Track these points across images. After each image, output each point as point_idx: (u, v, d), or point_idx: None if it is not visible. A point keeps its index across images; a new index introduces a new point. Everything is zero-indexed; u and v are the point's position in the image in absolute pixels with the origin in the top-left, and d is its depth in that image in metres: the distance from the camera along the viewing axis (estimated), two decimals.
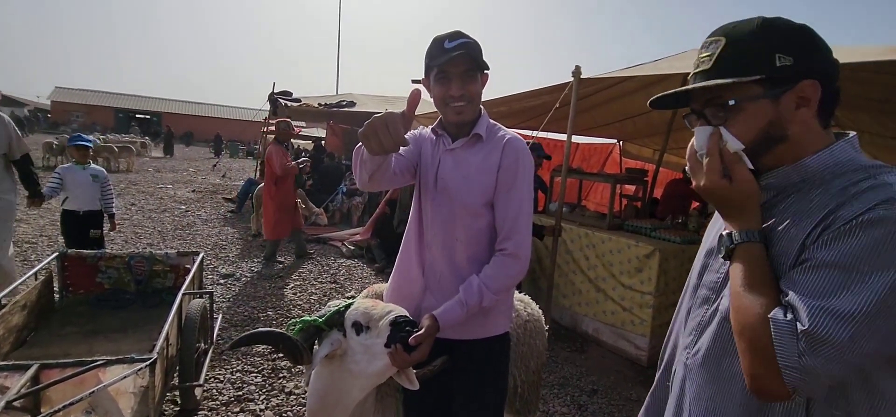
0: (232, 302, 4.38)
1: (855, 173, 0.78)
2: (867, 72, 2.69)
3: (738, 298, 0.78)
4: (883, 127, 4.04)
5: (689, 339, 0.97)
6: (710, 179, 0.84)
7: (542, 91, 4.35)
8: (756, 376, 0.74)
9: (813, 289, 0.71)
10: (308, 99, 10.33)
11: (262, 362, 3.31)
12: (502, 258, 1.42)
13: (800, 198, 0.82)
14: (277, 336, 1.39)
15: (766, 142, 0.82)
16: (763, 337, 0.72)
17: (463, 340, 1.49)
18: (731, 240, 0.82)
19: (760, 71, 0.79)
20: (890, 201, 0.69)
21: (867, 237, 0.69)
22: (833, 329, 0.68)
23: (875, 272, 0.68)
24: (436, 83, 1.42)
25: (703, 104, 0.87)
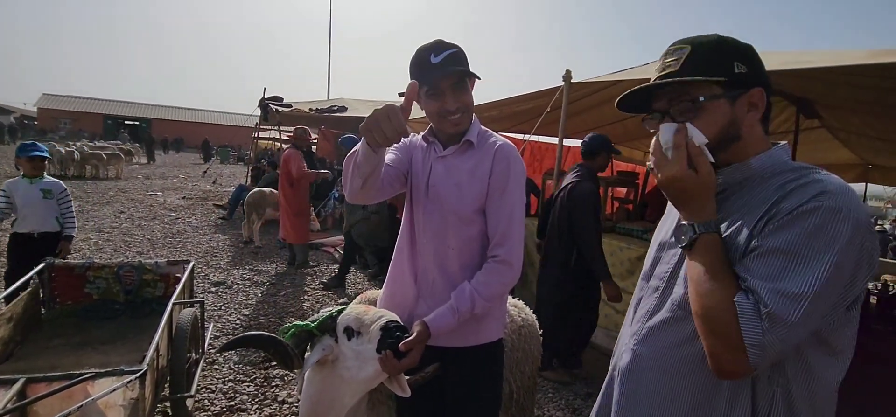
0: (224, 311, 4.33)
1: (789, 173, 0.88)
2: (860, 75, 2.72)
3: (700, 285, 0.84)
4: (871, 128, 4.10)
5: (637, 326, 1.03)
6: (678, 170, 0.87)
7: (533, 95, 4.37)
8: (720, 355, 0.81)
9: (766, 274, 0.79)
10: (299, 104, 10.30)
11: (255, 372, 3.27)
12: (494, 265, 1.41)
13: (743, 194, 0.91)
14: (268, 339, 1.39)
15: (725, 140, 0.91)
16: (729, 319, 0.79)
17: (456, 347, 1.48)
18: (694, 231, 0.87)
19: (722, 74, 0.89)
20: (823, 194, 0.79)
21: (806, 224, 0.78)
22: (788, 309, 0.76)
23: (816, 255, 0.77)
24: (428, 99, 1.40)
25: (668, 103, 0.94)
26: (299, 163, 5.59)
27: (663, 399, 0.95)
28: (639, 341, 1.01)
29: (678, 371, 0.93)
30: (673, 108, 0.93)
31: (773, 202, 0.84)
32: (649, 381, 0.97)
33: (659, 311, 0.99)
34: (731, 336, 0.79)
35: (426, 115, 1.45)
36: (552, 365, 3.53)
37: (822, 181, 0.82)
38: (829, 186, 0.80)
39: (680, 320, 0.93)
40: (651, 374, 0.97)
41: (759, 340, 0.77)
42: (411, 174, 1.53)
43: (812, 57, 2.59)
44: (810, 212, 0.78)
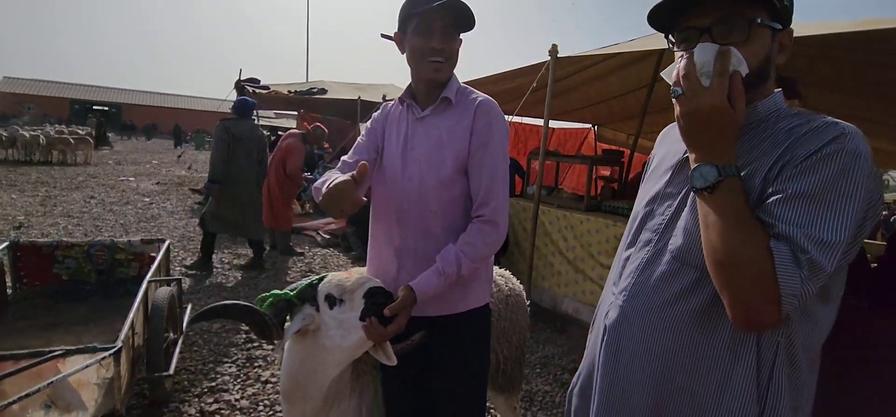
0: (202, 294, 4.20)
1: (794, 117, 0.83)
2: (842, 48, 2.74)
3: (726, 232, 0.75)
4: (849, 107, 4.17)
5: (626, 282, 0.96)
6: (718, 100, 0.77)
7: (519, 72, 4.32)
8: (751, 306, 0.74)
9: (797, 220, 0.73)
10: (277, 86, 10.04)
11: (237, 352, 3.18)
12: (480, 225, 1.35)
13: (749, 139, 0.84)
14: (243, 309, 1.31)
15: (759, 76, 0.83)
16: (764, 268, 0.72)
17: (444, 315, 1.43)
18: (719, 173, 0.77)
19: (773, 1, 0.79)
20: (842, 136, 0.75)
21: (830, 167, 0.73)
22: (823, 256, 0.71)
23: (844, 200, 0.72)
24: (414, 34, 1.33)
25: (714, 19, 0.81)
26: (299, 159, 5.46)
27: (656, 355, 0.89)
28: (628, 296, 0.94)
29: (673, 325, 0.87)
30: (719, 26, 0.80)
31: (786, 147, 0.78)
32: (640, 337, 0.91)
33: (652, 264, 0.92)
34: (767, 285, 0.72)
35: (407, 57, 1.38)
36: None
37: (837, 124, 0.78)
38: (845, 128, 0.76)
39: (676, 272, 0.88)
40: (643, 329, 0.91)
41: (798, 289, 0.71)
42: (386, 146, 1.47)
43: (799, 27, 2.59)
44: (832, 155, 0.74)
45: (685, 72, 0.80)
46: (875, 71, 3.06)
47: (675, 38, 0.89)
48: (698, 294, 0.85)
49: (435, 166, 1.37)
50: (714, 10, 0.81)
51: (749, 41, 0.80)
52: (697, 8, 0.83)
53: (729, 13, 0.80)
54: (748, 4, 0.80)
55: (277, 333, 1.34)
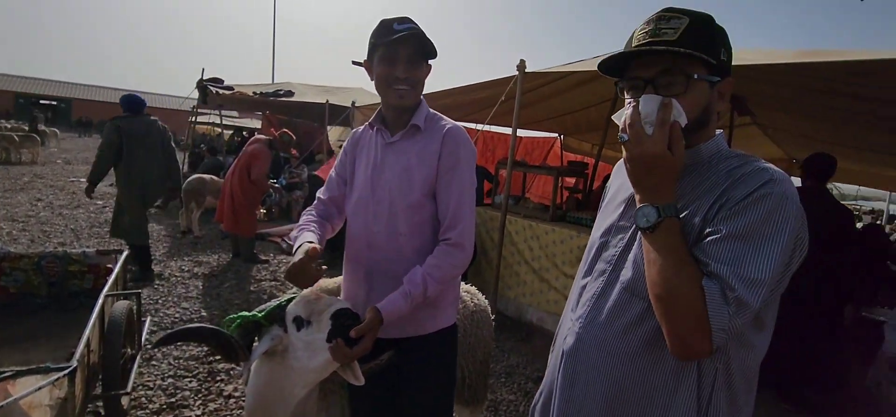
0: (161, 304, 4.07)
1: (733, 159, 0.90)
2: (783, 75, 2.94)
3: (666, 269, 0.83)
4: (794, 125, 4.46)
5: (582, 310, 1.03)
6: (659, 148, 0.84)
7: (488, 84, 4.39)
8: (685, 338, 0.82)
9: (727, 259, 0.80)
10: (241, 87, 9.80)
11: (198, 366, 3.10)
12: (446, 247, 1.40)
13: (692, 179, 0.92)
14: (208, 332, 1.31)
15: (698, 124, 0.90)
16: (696, 304, 0.80)
17: (413, 337, 1.47)
18: (660, 213, 0.85)
19: (713, 56, 0.87)
20: (771, 181, 0.82)
21: (759, 210, 0.81)
22: (750, 294, 0.78)
23: (770, 240, 0.80)
24: (380, 63, 1.39)
25: (658, 73, 0.89)
26: (265, 165, 5.34)
27: (608, 380, 0.95)
28: (584, 324, 1.01)
29: (624, 352, 0.94)
30: (662, 79, 0.88)
31: (724, 188, 0.86)
32: (594, 362, 0.98)
33: (605, 294, 0.99)
34: (699, 319, 0.79)
35: (375, 84, 1.44)
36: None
37: (767, 169, 0.85)
38: (774, 174, 0.84)
39: (626, 302, 0.94)
40: (596, 356, 0.97)
41: (726, 324, 0.79)
42: (357, 170, 1.51)
43: (745, 55, 2.76)
44: (762, 199, 0.81)
45: (631, 120, 0.87)
46: (814, 95, 3.29)
47: (624, 85, 0.96)
48: (646, 323, 0.92)
49: (404, 190, 1.41)
50: (657, 65, 0.89)
51: (687, 93, 0.88)
52: (643, 60, 0.91)
53: (670, 68, 0.88)
54: (687, 61, 0.87)
55: (244, 355, 1.34)
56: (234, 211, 5.36)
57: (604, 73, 0.99)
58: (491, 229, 4.68)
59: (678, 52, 0.85)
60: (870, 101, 3.09)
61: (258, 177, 5.32)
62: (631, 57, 0.92)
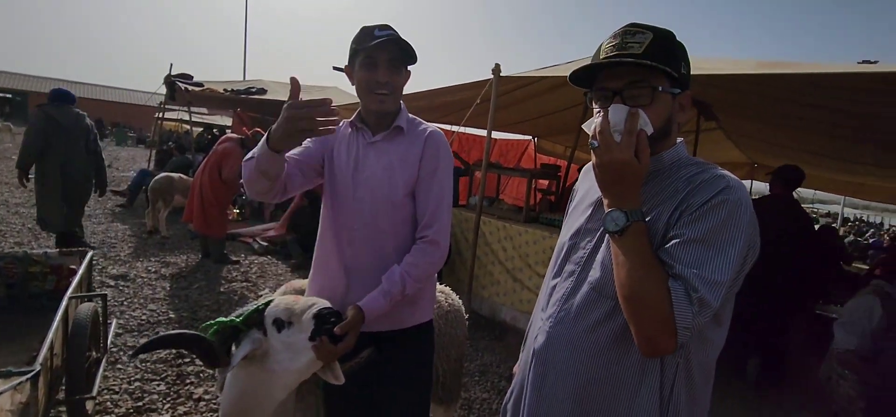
0: (126, 306, 3.94)
1: (692, 166, 0.97)
2: (750, 84, 3.08)
3: (634, 270, 0.88)
4: (757, 131, 4.66)
5: (552, 309, 1.07)
6: (627, 155, 0.89)
7: (463, 87, 4.43)
8: (652, 336, 0.87)
9: (690, 261, 0.86)
10: (211, 83, 9.57)
11: (166, 369, 3.02)
12: (423, 245, 1.44)
13: (655, 185, 0.97)
14: (191, 338, 1.29)
15: (661, 133, 0.97)
16: (663, 304, 0.84)
17: (391, 331, 1.50)
18: (628, 218, 0.90)
19: (675, 70, 0.93)
20: (727, 188, 0.88)
21: (717, 216, 0.86)
22: (711, 294, 0.84)
23: (727, 244, 0.85)
24: (361, 68, 1.42)
25: (625, 84, 0.94)
26: (237, 164, 5.22)
27: (577, 376, 1.00)
28: (554, 323, 1.05)
29: (592, 349, 0.98)
30: (628, 91, 0.94)
31: (685, 194, 0.91)
32: (563, 359, 1.02)
33: (574, 294, 1.03)
34: (665, 318, 0.84)
35: (356, 89, 1.47)
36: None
37: (723, 176, 0.91)
38: (730, 181, 0.90)
39: (594, 301, 0.99)
40: (565, 353, 1.02)
41: (690, 323, 0.83)
42: (336, 164, 1.51)
43: (711, 64, 2.89)
44: (719, 205, 0.87)
45: (600, 128, 0.92)
46: (775, 103, 3.46)
47: (593, 95, 1.02)
48: (613, 322, 0.97)
49: (386, 189, 1.44)
50: (625, 77, 0.95)
51: (653, 105, 0.94)
52: (611, 72, 0.96)
53: (637, 80, 0.94)
54: (653, 74, 0.92)
55: (225, 360, 1.33)
56: (205, 210, 5.24)
57: (574, 84, 1.04)
58: (466, 230, 4.72)
59: (646, 64, 0.90)
60: (826, 111, 3.27)
61: (229, 177, 5.21)
62: (600, 69, 0.97)
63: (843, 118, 3.32)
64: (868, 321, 2.48)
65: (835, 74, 2.44)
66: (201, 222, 5.26)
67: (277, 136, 1.20)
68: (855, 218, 23.20)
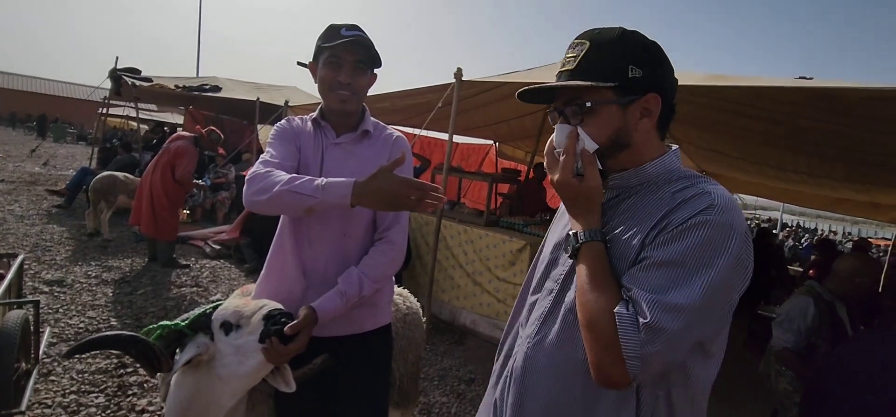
0: (62, 313, 3.67)
1: (682, 180, 0.89)
2: (697, 94, 3.23)
3: (584, 294, 0.84)
4: (704, 141, 4.90)
5: (531, 328, 1.01)
6: (563, 175, 0.88)
7: (425, 90, 4.43)
8: (602, 366, 0.81)
9: (651, 285, 0.79)
10: (162, 79, 9.14)
11: (105, 380, 2.84)
12: (381, 245, 1.44)
13: (637, 200, 0.90)
14: (128, 339, 1.23)
15: (613, 147, 0.90)
16: (609, 331, 0.79)
17: (351, 335, 1.47)
18: (577, 240, 0.88)
19: (615, 79, 0.86)
20: (711, 208, 0.80)
21: (693, 238, 0.78)
22: (668, 320, 0.76)
23: (702, 268, 0.78)
24: (325, 66, 1.40)
25: (564, 102, 0.93)
26: (191, 164, 5.02)
27: (552, 404, 0.94)
28: (532, 344, 0.99)
29: (569, 376, 0.92)
30: (566, 110, 0.92)
31: (665, 212, 0.84)
32: (540, 385, 0.96)
33: (553, 314, 0.97)
34: (611, 346, 0.78)
35: (318, 86, 1.44)
36: None
37: (710, 193, 0.83)
38: (716, 200, 0.81)
39: (571, 324, 0.92)
40: (541, 379, 0.96)
41: (638, 352, 0.76)
42: (301, 163, 1.47)
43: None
44: (699, 226, 0.79)
45: (547, 149, 0.93)
46: (721, 114, 3.65)
47: (551, 112, 0.99)
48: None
49: None
50: (562, 97, 0.94)
51: (589, 121, 0.90)
52: (555, 94, 0.95)
53: (571, 98, 0.92)
54: (587, 91, 0.89)
55: (167, 364, 1.26)
56: (154, 212, 4.97)
57: (526, 101, 1.00)
58: (426, 233, 4.71)
59: (563, 85, 0.89)
60: (765, 122, 3.47)
61: (183, 177, 4.99)
62: (541, 92, 0.95)
63: (781, 129, 3.54)
64: (803, 320, 2.63)
65: (774, 88, 2.59)
66: (150, 224, 4.99)
67: (364, 195, 1.19)
68: (793, 224, 24.83)
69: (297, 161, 1.45)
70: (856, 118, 2.74)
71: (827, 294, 2.70)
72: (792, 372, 2.67)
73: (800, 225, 26.01)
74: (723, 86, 2.79)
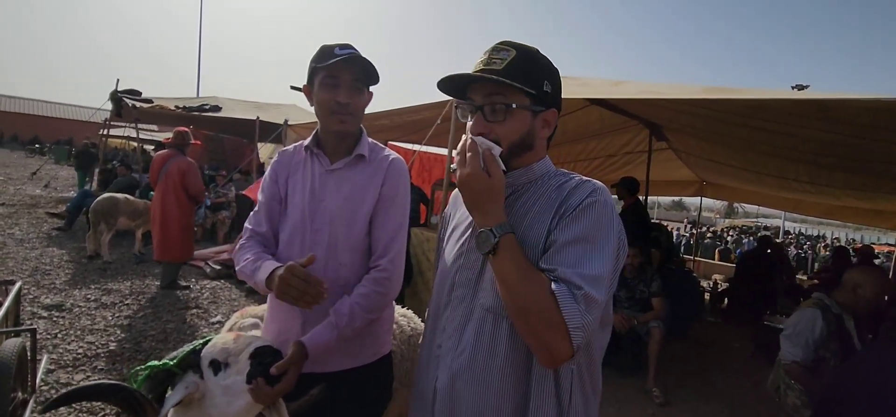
0: (61, 339, 3.64)
1: (558, 176, 1.02)
2: (694, 107, 3.23)
3: (514, 284, 0.89)
4: (704, 151, 4.89)
5: (451, 341, 1.05)
6: (474, 168, 0.93)
7: (425, 106, 4.44)
8: (547, 345, 0.86)
9: (570, 262, 0.88)
10: (162, 100, 9.20)
11: (103, 407, 2.79)
12: (375, 275, 1.37)
13: (530, 195, 1.01)
14: (107, 388, 1.16)
15: (520, 148, 1.00)
16: (549, 310, 0.84)
17: (349, 369, 1.41)
18: (494, 235, 0.91)
19: (535, 88, 0.97)
20: (596, 191, 0.94)
21: (591, 216, 0.91)
22: (595, 289, 0.86)
23: (603, 240, 0.90)
24: (321, 88, 1.35)
25: (484, 98, 0.99)
26: (198, 175, 5.11)
27: (482, 406, 0.98)
28: (454, 356, 1.02)
29: (495, 375, 0.97)
30: (487, 105, 0.98)
31: (560, 201, 0.95)
32: (470, 393, 0.99)
33: (468, 321, 1.02)
34: (556, 323, 0.84)
35: (315, 110, 1.40)
36: None
37: (590, 181, 0.97)
38: (596, 185, 0.96)
39: (492, 325, 0.98)
40: (471, 385, 0.99)
41: (580, 321, 0.83)
42: (291, 194, 1.44)
43: (662, 89, 3.01)
44: (591, 206, 0.91)
45: (459, 148, 0.97)
46: (720, 125, 3.65)
47: (460, 105, 1.04)
48: (509, 341, 0.96)
49: (347, 220, 1.38)
50: (485, 92, 0.99)
51: (508, 120, 0.98)
52: (477, 85, 1.00)
53: (494, 94, 0.98)
54: (511, 92, 0.96)
55: (152, 410, 1.20)
56: (170, 236, 4.98)
57: (443, 91, 1.06)
58: (428, 250, 4.68)
59: (498, 80, 0.94)
60: (764, 133, 3.47)
61: (198, 192, 5.12)
62: (463, 81, 1.01)
63: (780, 139, 3.53)
64: (811, 333, 2.60)
65: (769, 100, 2.59)
66: (161, 247, 4.99)
67: (272, 283, 1.25)
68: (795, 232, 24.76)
69: (280, 202, 1.45)
70: (856, 127, 2.74)
71: (835, 306, 2.67)
72: (801, 387, 2.62)
73: (802, 232, 25.92)
74: (721, 99, 2.79)
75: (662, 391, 3.71)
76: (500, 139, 0.97)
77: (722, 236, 20.53)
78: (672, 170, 6.99)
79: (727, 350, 5.23)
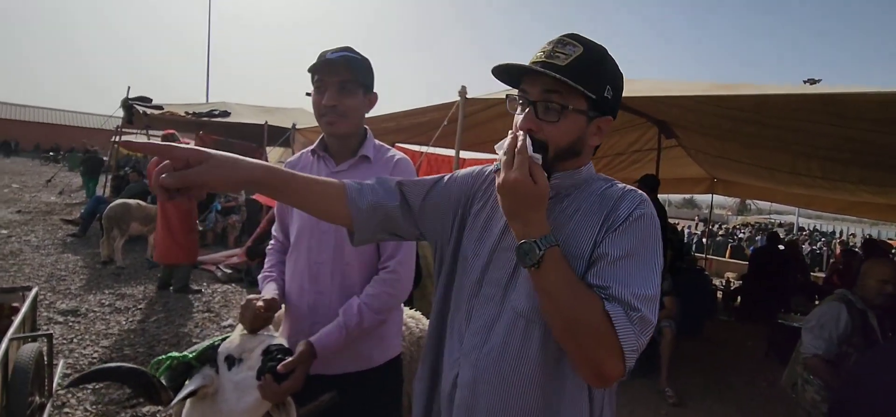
0: (76, 344, 3.70)
1: (600, 182, 0.96)
2: (703, 104, 3.20)
3: (564, 303, 0.82)
4: (714, 148, 4.84)
5: (477, 339, 0.97)
6: (522, 174, 0.83)
7: (432, 108, 4.45)
8: (597, 364, 0.81)
9: (623, 279, 0.83)
10: (172, 106, 9.31)
11: (118, 410, 2.84)
12: (384, 276, 1.38)
13: (574, 199, 0.94)
14: (126, 371, 1.21)
15: (568, 153, 0.92)
16: (605, 332, 0.79)
17: (359, 371, 1.42)
18: (539, 247, 0.82)
19: (596, 92, 0.88)
20: (643, 202, 0.89)
21: (640, 229, 0.86)
22: (649, 310, 0.82)
23: (651, 257, 0.86)
24: (314, 92, 1.37)
25: (540, 93, 0.90)
26: None
27: (508, 411, 0.92)
28: (480, 354, 0.95)
29: (522, 381, 0.91)
30: (541, 102, 0.89)
31: (607, 212, 0.89)
32: (494, 394, 0.93)
33: (498, 322, 0.95)
34: (611, 345, 0.79)
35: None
36: None
37: (634, 190, 0.92)
38: (642, 195, 0.91)
39: (522, 331, 0.91)
40: (495, 387, 0.93)
41: (635, 344, 0.80)
42: None
43: (670, 86, 2.99)
44: (640, 219, 0.87)
45: (506, 147, 0.87)
46: (728, 122, 3.61)
47: (513, 97, 0.96)
48: (542, 350, 0.90)
49: None
50: (542, 86, 0.89)
51: (561, 122, 0.89)
52: (532, 78, 0.91)
53: (551, 95, 0.89)
54: (569, 93, 0.87)
55: (167, 397, 1.24)
56: (172, 238, 5.00)
57: (496, 78, 0.97)
58: None
59: (557, 78, 0.85)
60: (774, 128, 3.42)
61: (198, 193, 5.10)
62: (524, 73, 0.92)
63: (791, 135, 3.49)
64: (835, 326, 2.57)
65: (776, 96, 2.56)
66: (168, 250, 5.02)
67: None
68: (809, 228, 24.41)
69: (289, 208, 1.47)
70: (870, 122, 2.69)
71: (859, 301, 2.64)
72: (820, 381, 2.59)
73: (817, 229, 25.55)
74: (730, 95, 2.76)
75: (675, 391, 3.68)
76: (548, 141, 0.89)
77: (732, 233, 20.32)
78: (682, 168, 6.92)
79: (741, 349, 5.17)
